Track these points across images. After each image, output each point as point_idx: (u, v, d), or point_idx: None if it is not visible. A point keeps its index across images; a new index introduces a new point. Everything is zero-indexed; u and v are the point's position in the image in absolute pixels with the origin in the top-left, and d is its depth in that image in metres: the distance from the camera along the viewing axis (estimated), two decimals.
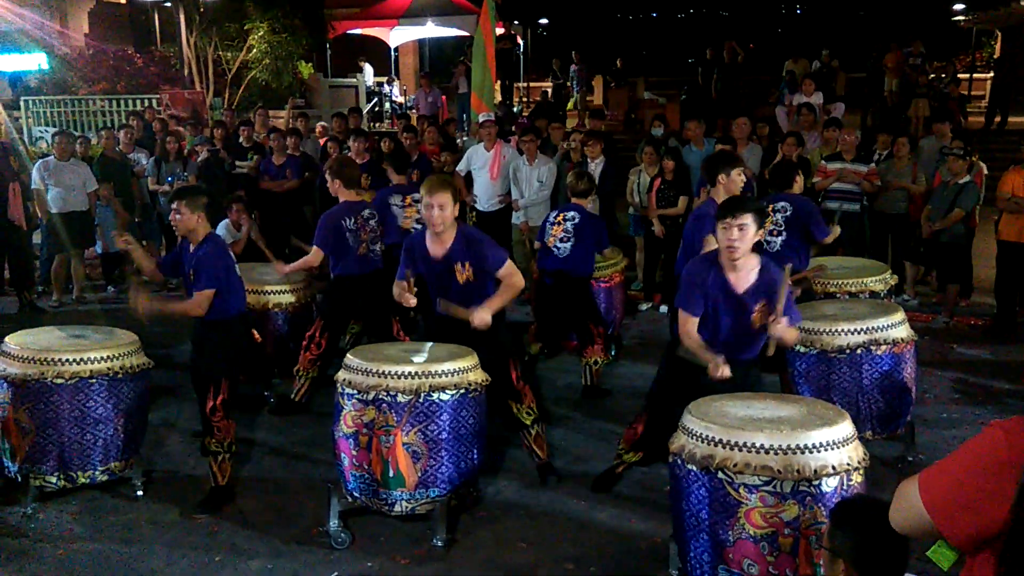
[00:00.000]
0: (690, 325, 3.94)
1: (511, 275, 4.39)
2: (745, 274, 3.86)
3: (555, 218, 5.89)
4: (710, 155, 6.38)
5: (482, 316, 4.24)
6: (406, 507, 3.97)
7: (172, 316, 4.71)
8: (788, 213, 5.39)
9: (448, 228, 4.32)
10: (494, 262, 4.37)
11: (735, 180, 4.93)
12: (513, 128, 10.53)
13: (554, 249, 5.82)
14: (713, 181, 4.97)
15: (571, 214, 5.84)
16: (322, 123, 11.75)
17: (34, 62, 16.85)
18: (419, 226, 6.67)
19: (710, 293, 3.88)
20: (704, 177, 5.55)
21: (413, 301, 4.40)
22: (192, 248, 4.48)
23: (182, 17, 15.29)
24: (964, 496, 1.56)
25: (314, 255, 5.56)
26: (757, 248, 3.94)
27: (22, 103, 15.69)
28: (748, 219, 3.75)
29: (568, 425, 5.43)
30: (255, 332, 4.92)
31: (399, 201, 6.65)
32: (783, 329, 3.75)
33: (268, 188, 8.91)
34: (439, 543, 3.95)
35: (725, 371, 3.74)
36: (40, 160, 8.51)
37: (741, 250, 3.78)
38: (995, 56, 20.06)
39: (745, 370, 3.97)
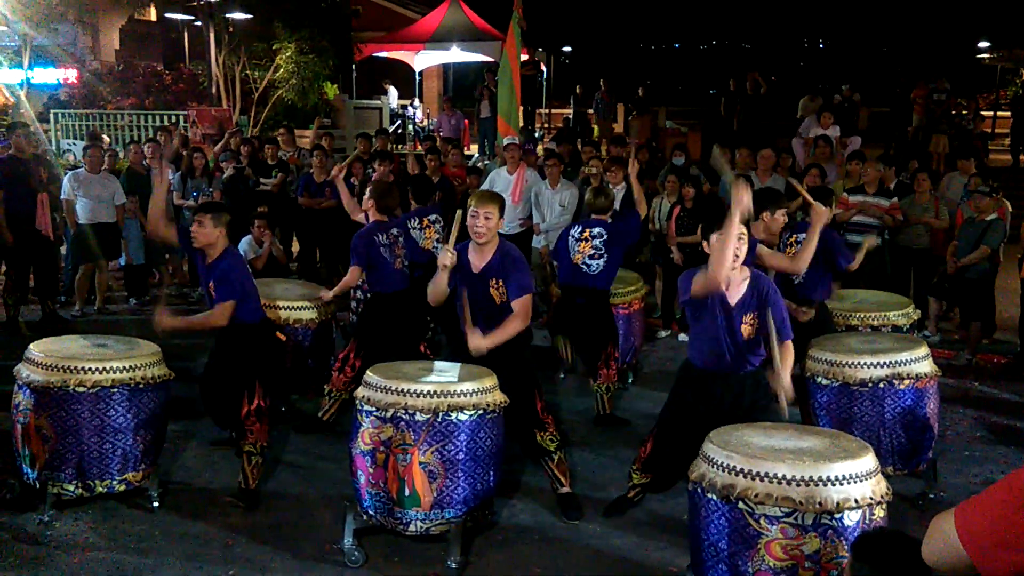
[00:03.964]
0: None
1: (522, 313, 4.25)
2: (736, 286, 3.96)
3: (580, 234, 5.78)
4: (760, 189, 6.48)
5: (477, 343, 4.15)
6: (421, 527, 3.95)
7: (195, 329, 4.80)
8: None
9: (490, 240, 4.33)
10: (515, 287, 4.27)
11: (777, 219, 5.09)
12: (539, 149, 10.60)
13: (583, 266, 5.73)
14: (756, 216, 5.04)
15: (597, 230, 5.76)
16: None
17: (65, 76, 17.16)
18: (439, 245, 6.72)
19: (709, 304, 3.98)
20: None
21: (449, 259, 4.27)
22: (209, 261, 4.57)
23: (211, 36, 15.53)
24: (1003, 532, 1.52)
25: (352, 275, 5.60)
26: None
27: (52, 116, 15.96)
28: (743, 232, 3.87)
29: (585, 450, 5.40)
30: (279, 334, 4.99)
31: (416, 224, 6.69)
32: (786, 384, 3.81)
33: (307, 205, 9.03)
34: (453, 565, 3.92)
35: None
36: (71, 171, 8.64)
37: (738, 262, 3.90)
38: (1020, 94, 19.99)
39: (753, 380, 4.02)
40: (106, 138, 12.69)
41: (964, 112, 16.11)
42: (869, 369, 4.53)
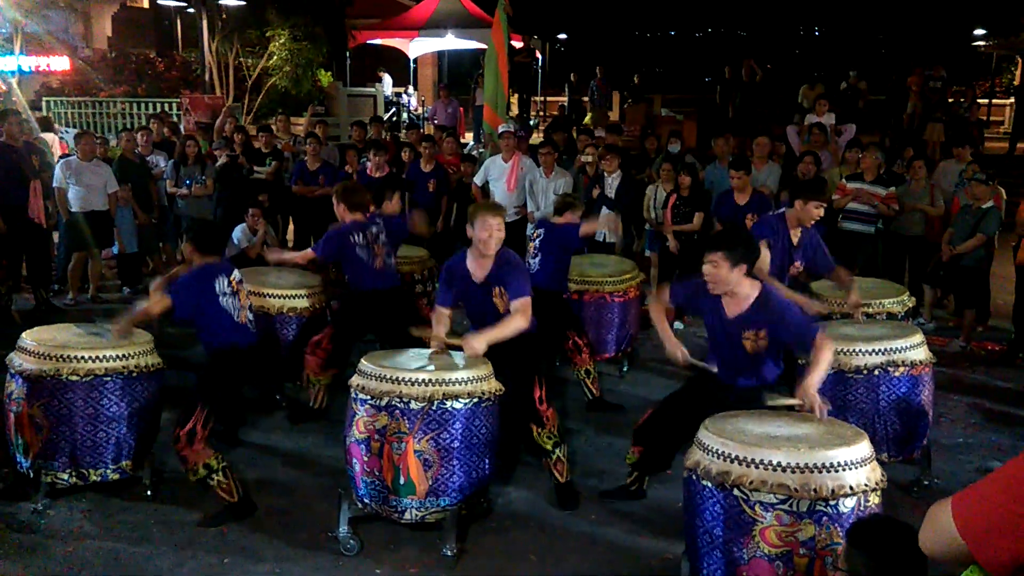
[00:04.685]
0: (663, 295, 4.28)
1: (520, 313, 4.27)
2: (738, 302, 3.92)
3: (533, 234, 6.01)
4: (804, 180, 6.56)
5: (473, 345, 4.13)
6: (416, 515, 3.95)
7: (142, 320, 4.50)
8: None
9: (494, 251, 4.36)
10: (515, 290, 4.31)
11: (810, 212, 5.10)
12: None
13: (528, 264, 5.78)
14: (791, 202, 5.14)
15: (540, 230, 5.91)
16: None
17: (58, 64, 17.05)
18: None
19: (706, 312, 4.03)
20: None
21: (441, 339, 4.30)
22: None
23: (204, 23, 15.44)
24: (1001, 520, 1.51)
25: (304, 255, 5.62)
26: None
27: (44, 103, 15.86)
28: (717, 257, 3.84)
29: (579, 439, 5.39)
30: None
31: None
32: (812, 394, 3.67)
33: (301, 193, 8.99)
34: (448, 553, 3.92)
35: (679, 356, 4.09)
36: (63, 159, 8.58)
37: (717, 287, 3.90)
38: (1015, 83, 19.99)
39: (747, 395, 3.93)
40: (57, 126, 12.64)
41: (962, 100, 16.09)
42: (864, 356, 4.53)
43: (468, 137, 16.68)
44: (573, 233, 5.76)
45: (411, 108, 20.00)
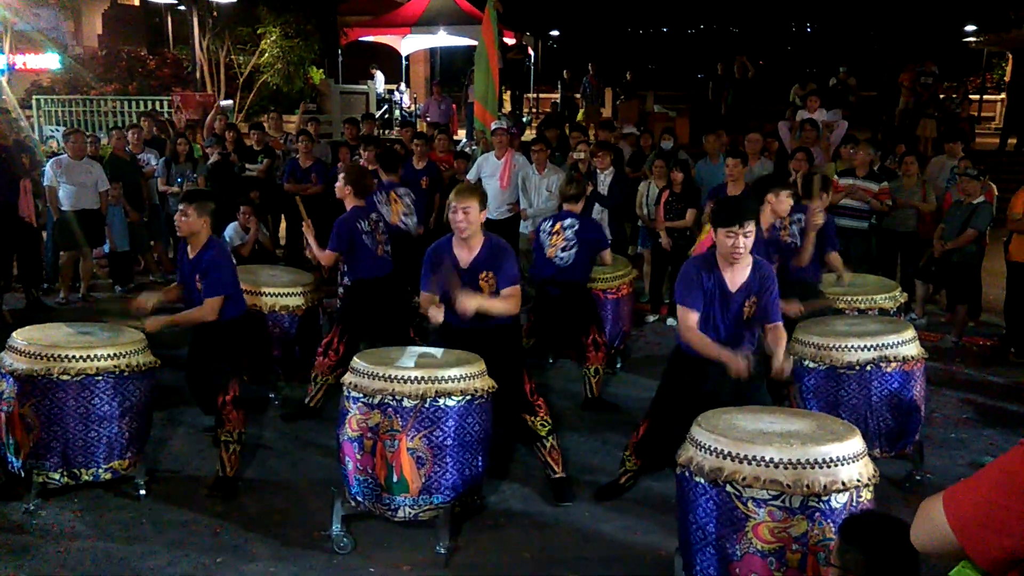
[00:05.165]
0: (691, 320, 4.00)
1: (511, 297, 4.35)
2: (739, 271, 3.97)
3: (552, 228, 5.77)
4: (761, 176, 6.53)
5: (465, 303, 4.14)
6: (409, 513, 3.94)
7: (182, 326, 4.71)
8: (803, 225, 5.37)
9: (475, 234, 4.33)
10: (505, 277, 4.34)
11: (783, 201, 5.10)
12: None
13: (556, 259, 5.72)
14: (761, 199, 5.04)
15: (569, 221, 5.74)
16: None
17: (48, 62, 16.96)
18: (406, 219, 6.71)
19: (707, 291, 3.98)
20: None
21: (440, 317, 4.25)
22: (192, 252, 4.55)
23: (195, 20, 15.35)
24: (992, 516, 1.52)
25: (327, 258, 5.56)
26: None
27: (34, 101, 15.77)
28: (753, 226, 3.89)
29: (574, 435, 5.39)
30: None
31: (382, 198, 6.67)
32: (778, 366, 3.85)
33: (293, 191, 8.96)
34: (442, 550, 3.92)
35: (742, 366, 3.75)
36: (53, 158, 8.54)
37: (744, 256, 3.93)
38: (1006, 79, 20.05)
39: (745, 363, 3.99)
40: (24, 120, 12.55)
41: (953, 96, 16.13)
42: (856, 352, 4.54)
43: (461, 134, 16.64)
44: (603, 238, 5.97)
45: (404, 105, 19.97)
